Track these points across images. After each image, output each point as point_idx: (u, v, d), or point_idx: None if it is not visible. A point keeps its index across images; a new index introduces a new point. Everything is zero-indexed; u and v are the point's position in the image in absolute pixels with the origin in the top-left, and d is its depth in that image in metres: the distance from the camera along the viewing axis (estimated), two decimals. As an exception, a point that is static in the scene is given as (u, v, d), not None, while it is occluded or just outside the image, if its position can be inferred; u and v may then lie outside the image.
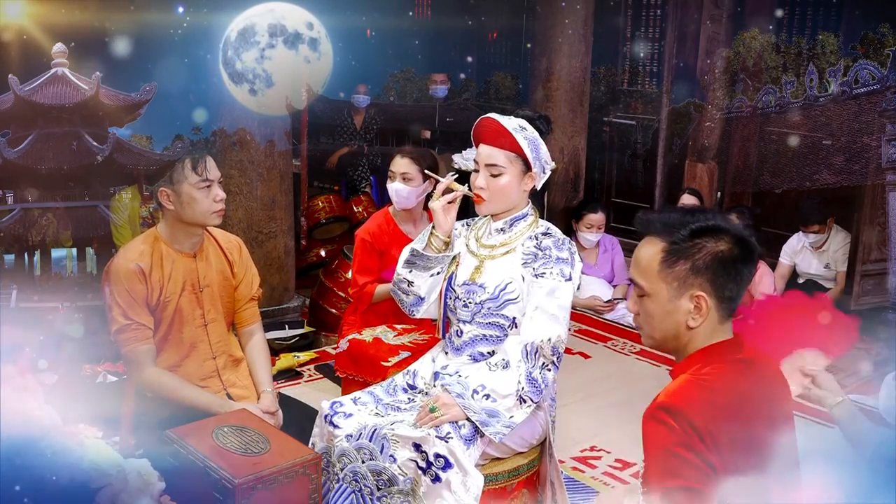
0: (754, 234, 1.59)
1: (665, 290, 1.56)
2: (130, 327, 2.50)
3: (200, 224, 2.57)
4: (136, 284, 2.50)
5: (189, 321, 2.60)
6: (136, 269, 2.50)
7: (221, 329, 2.69)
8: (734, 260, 1.53)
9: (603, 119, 6.20)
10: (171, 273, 2.56)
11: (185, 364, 2.61)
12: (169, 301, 2.55)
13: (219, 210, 2.54)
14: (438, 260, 2.31)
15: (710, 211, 1.62)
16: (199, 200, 2.49)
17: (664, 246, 1.55)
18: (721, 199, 5.62)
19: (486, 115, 2.29)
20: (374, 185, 5.63)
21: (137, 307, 2.50)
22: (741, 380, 1.54)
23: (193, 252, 2.62)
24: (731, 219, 1.62)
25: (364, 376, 3.08)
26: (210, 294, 2.64)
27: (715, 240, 1.53)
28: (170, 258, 2.57)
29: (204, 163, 2.50)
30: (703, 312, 1.54)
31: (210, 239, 2.70)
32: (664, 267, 1.55)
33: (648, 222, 1.60)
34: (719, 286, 1.54)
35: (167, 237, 2.58)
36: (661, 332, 1.60)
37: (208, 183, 2.50)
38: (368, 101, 5.79)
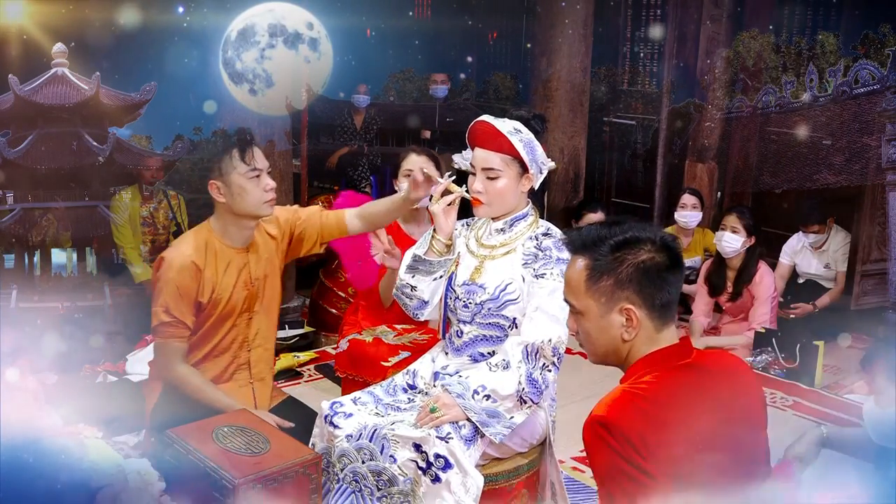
0: (673, 238, 1.61)
1: (595, 306, 1.58)
2: (171, 323, 2.48)
3: (253, 215, 2.52)
4: (187, 281, 2.46)
5: (235, 315, 2.58)
6: (191, 266, 2.46)
7: (263, 321, 2.66)
8: (658, 268, 1.55)
9: (603, 119, 6.20)
10: (225, 270, 2.53)
11: (218, 353, 2.60)
12: (221, 298, 2.52)
13: (270, 199, 2.50)
14: (441, 264, 2.31)
15: (627, 223, 1.61)
16: (249, 190, 2.45)
17: (587, 263, 1.58)
18: (721, 199, 5.63)
19: (479, 118, 2.28)
20: (374, 185, 5.63)
21: (182, 305, 2.47)
22: (682, 385, 1.55)
23: (246, 246, 2.58)
24: (651, 226, 1.63)
25: (364, 376, 3.08)
26: (260, 287, 2.61)
27: (635, 251, 1.55)
28: (224, 255, 2.53)
29: (251, 152, 2.46)
30: (635, 324, 1.56)
31: (260, 229, 2.64)
32: (590, 284, 1.57)
33: (571, 242, 1.63)
34: (647, 296, 1.55)
35: (220, 232, 2.55)
36: (601, 348, 1.63)
37: (258, 172, 2.46)
38: (368, 101, 5.79)
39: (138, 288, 4.35)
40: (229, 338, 2.60)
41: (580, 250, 1.60)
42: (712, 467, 1.49)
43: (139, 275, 4.39)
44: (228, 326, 2.58)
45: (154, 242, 4.58)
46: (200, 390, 2.51)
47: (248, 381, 2.66)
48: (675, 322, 1.63)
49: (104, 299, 4.17)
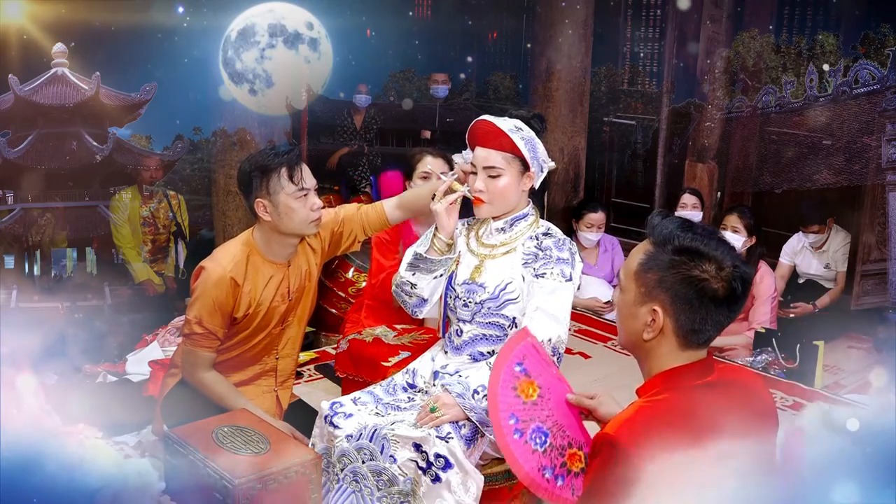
0: (746, 280, 1.48)
1: (634, 291, 1.55)
2: (202, 335, 2.45)
3: (298, 234, 2.49)
4: (223, 294, 2.42)
5: (270, 327, 2.56)
6: (229, 281, 2.42)
7: (294, 332, 2.65)
8: (704, 292, 1.48)
9: (603, 119, 6.20)
10: (265, 286, 2.49)
11: (246, 361, 2.58)
12: (258, 313, 2.50)
13: (316, 219, 2.46)
14: (442, 262, 2.31)
15: (710, 235, 1.51)
16: (296, 210, 2.41)
17: (649, 249, 1.55)
18: (721, 199, 5.63)
19: (480, 117, 2.29)
20: (374, 185, 5.63)
21: (217, 317, 2.44)
22: (698, 407, 1.49)
23: (287, 261, 2.55)
24: (733, 253, 1.50)
25: (364, 376, 3.08)
26: (297, 300, 2.59)
27: (693, 264, 1.48)
28: (264, 270, 2.49)
29: (300, 171, 2.43)
30: (656, 328, 1.52)
31: (303, 243, 2.60)
32: (640, 270, 1.54)
33: (649, 223, 1.59)
34: (680, 311, 1.50)
35: (262, 247, 2.50)
36: (624, 333, 1.61)
37: (305, 192, 2.42)
38: (368, 101, 5.78)
39: (138, 288, 4.35)
40: (260, 346, 2.58)
41: (651, 235, 1.55)
42: (719, 488, 1.44)
43: (139, 275, 4.39)
44: (262, 337, 2.56)
45: (154, 242, 4.58)
46: (224, 398, 2.49)
47: (273, 388, 2.65)
48: (705, 350, 1.55)
49: (104, 299, 4.17)
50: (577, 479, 1.71)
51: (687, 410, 1.49)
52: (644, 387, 1.58)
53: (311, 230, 2.49)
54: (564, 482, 1.70)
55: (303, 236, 2.53)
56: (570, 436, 1.75)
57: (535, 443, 1.69)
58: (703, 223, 1.58)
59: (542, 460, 1.68)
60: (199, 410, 2.40)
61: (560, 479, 1.69)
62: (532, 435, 1.70)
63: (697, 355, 1.55)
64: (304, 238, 2.57)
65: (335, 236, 2.67)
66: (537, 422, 1.71)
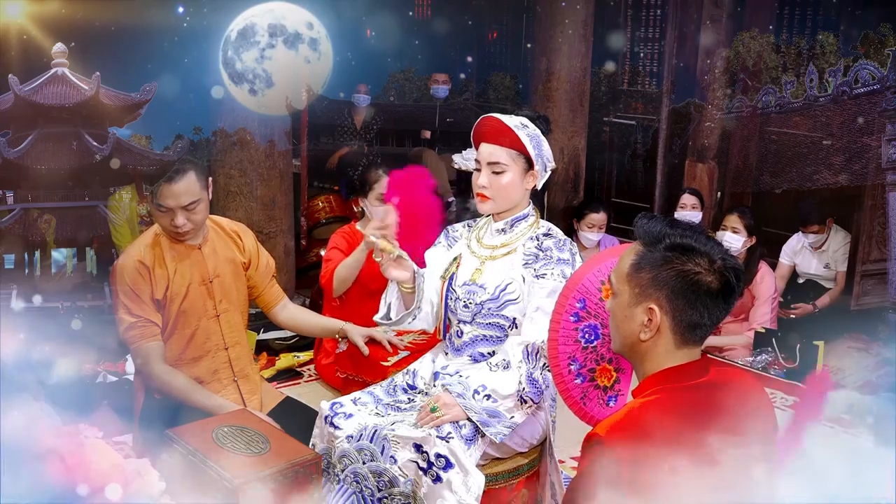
0: (738, 272, 1.51)
1: (627, 293, 1.55)
2: (137, 324, 2.51)
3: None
4: (139, 281, 2.51)
5: (201, 313, 2.60)
6: (139, 266, 2.52)
7: (234, 319, 2.69)
8: (699, 286, 1.48)
9: (603, 119, 6.20)
10: (176, 267, 2.56)
11: (196, 355, 2.62)
12: (177, 295, 2.56)
13: (180, 233, 2.54)
14: (417, 299, 2.32)
15: (698, 231, 1.53)
16: (159, 218, 2.55)
17: (639, 250, 1.55)
18: (721, 199, 5.63)
19: (485, 115, 2.29)
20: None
21: (143, 304, 2.51)
22: (689, 408, 1.49)
23: (199, 244, 2.62)
24: (723, 248, 1.52)
25: (364, 376, 3.08)
26: (221, 284, 2.64)
27: (686, 259, 1.49)
28: (174, 252, 2.58)
29: (166, 190, 2.50)
30: (653, 327, 1.51)
31: (215, 229, 2.70)
32: (632, 271, 1.54)
33: (636, 225, 1.59)
34: (677, 307, 1.49)
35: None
36: (619, 337, 1.59)
37: (163, 210, 2.52)
38: (368, 101, 5.79)
39: (138, 288, 4.34)
40: (202, 336, 2.62)
41: (640, 237, 1.56)
42: (709, 489, 1.42)
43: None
44: (200, 324, 2.60)
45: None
46: (185, 392, 2.52)
47: (232, 378, 2.68)
48: (701, 346, 1.56)
49: (104, 299, 4.17)
50: (599, 391, 1.94)
51: (679, 411, 1.49)
52: (639, 388, 1.58)
53: (179, 238, 2.57)
54: (589, 396, 1.94)
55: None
56: (612, 353, 1.91)
57: (584, 340, 1.93)
58: (686, 221, 1.59)
59: (576, 354, 1.92)
60: (173, 421, 2.42)
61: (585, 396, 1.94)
62: (585, 330, 1.93)
63: (692, 355, 1.55)
64: (223, 225, 2.72)
65: (253, 261, 2.77)
66: (599, 319, 1.92)
